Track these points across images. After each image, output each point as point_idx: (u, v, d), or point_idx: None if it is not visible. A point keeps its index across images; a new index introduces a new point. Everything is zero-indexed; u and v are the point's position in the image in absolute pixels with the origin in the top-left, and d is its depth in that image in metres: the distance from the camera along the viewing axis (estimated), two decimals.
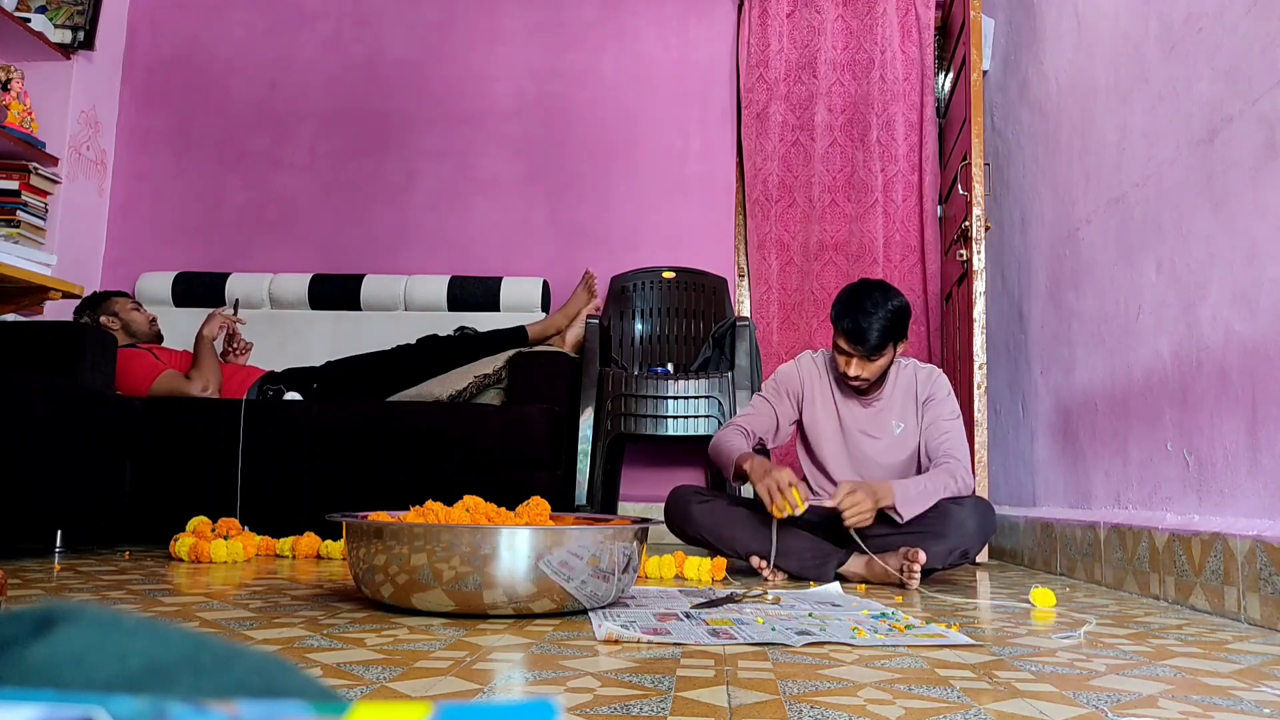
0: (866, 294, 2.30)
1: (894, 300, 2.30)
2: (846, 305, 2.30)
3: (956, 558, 2.26)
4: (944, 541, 2.22)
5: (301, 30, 4.11)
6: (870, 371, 2.33)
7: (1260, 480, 1.74)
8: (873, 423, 2.46)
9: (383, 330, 3.57)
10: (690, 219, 3.91)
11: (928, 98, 3.81)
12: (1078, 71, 2.70)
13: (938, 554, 2.22)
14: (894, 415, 2.45)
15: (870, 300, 2.27)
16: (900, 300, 2.32)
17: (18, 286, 2.39)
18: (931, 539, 2.22)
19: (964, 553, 2.26)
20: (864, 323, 2.25)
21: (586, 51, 4.03)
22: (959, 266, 3.31)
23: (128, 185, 4.03)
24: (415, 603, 1.54)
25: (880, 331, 2.26)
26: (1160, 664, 1.26)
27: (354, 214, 3.99)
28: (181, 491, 2.91)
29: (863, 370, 2.32)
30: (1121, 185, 2.37)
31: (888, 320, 2.27)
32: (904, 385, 2.45)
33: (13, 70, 3.46)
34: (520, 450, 2.93)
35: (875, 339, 2.26)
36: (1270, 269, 1.72)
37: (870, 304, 2.27)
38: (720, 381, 3.22)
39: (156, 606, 1.61)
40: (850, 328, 2.27)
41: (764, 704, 0.97)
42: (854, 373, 2.32)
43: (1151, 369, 2.19)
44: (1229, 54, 1.87)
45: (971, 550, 2.28)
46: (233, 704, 0.27)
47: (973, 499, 2.33)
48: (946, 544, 2.23)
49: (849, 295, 2.32)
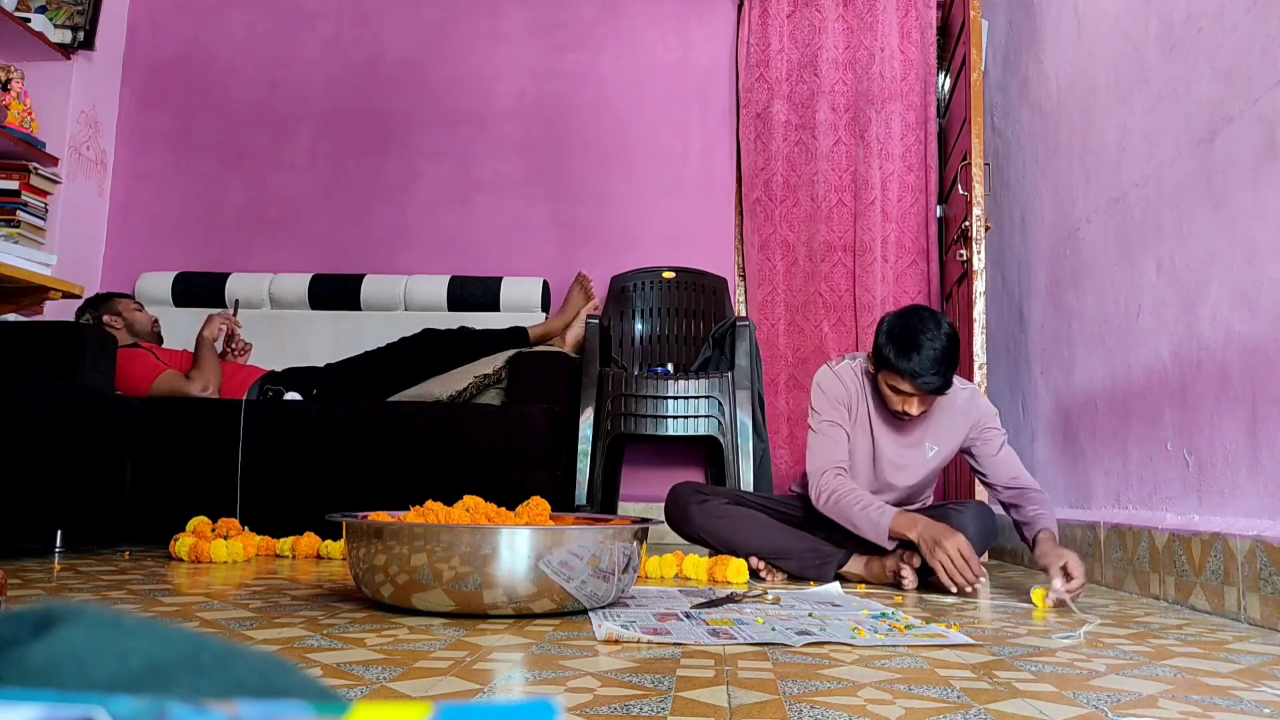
0: (921, 328, 2.08)
1: (947, 329, 2.11)
2: (903, 344, 2.08)
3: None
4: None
5: (301, 30, 4.11)
6: (929, 404, 2.18)
7: (1260, 480, 1.74)
8: (906, 449, 2.31)
9: (383, 330, 3.57)
10: (690, 219, 3.91)
11: (929, 96, 3.80)
12: (1078, 71, 2.70)
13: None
14: (929, 438, 2.30)
15: (927, 336, 2.07)
16: (951, 327, 2.13)
17: (18, 286, 2.39)
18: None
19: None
20: (930, 367, 2.06)
21: (587, 52, 4.03)
22: (959, 266, 3.31)
23: (128, 185, 4.03)
24: (415, 603, 1.54)
25: (946, 370, 2.09)
26: (1160, 664, 1.26)
27: (354, 214, 3.99)
28: (181, 491, 2.91)
29: (924, 406, 2.16)
30: (1121, 185, 2.37)
31: (950, 356, 2.09)
32: (943, 405, 2.27)
33: (13, 70, 3.46)
34: (520, 450, 2.93)
35: (942, 381, 2.09)
36: (1270, 269, 1.72)
37: (928, 340, 2.06)
38: (720, 381, 3.22)
39: (156, 606, 1.61)
40: (917, 371, 2.07)
41: (764, 704, 0.97)
42: (915, 411, 2.15)
43: (1151, 369, 2.19)
44: (1229, 54, 1.87)
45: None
46: (233, 704, 0.27)
47: (974, 504, 2.32)
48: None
49: (902, 332, 2.10)
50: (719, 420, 3.20)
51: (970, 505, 2.30)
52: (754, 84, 3.87)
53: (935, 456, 2.31)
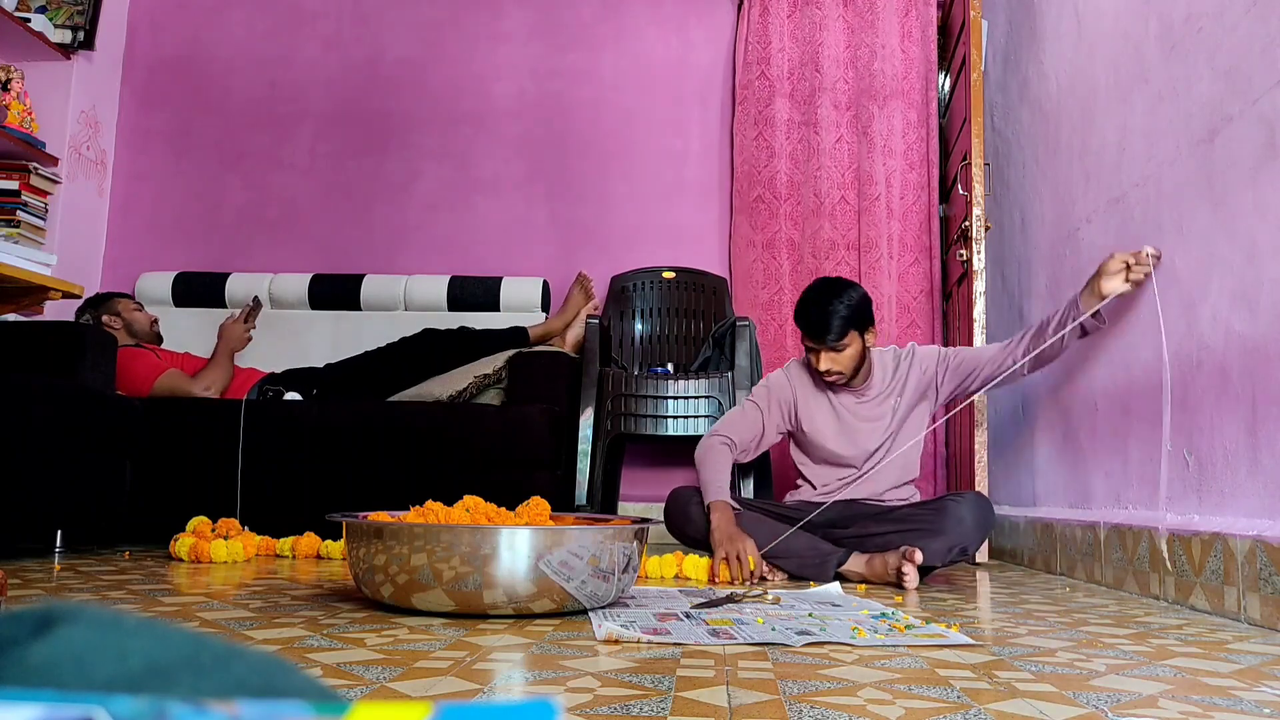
0: (824, 289, 2.37)
1: (850, 291, 2.36)
2: (805, 302, 2.38)
3: (956, 554, 2.26)
4: (943, 538, 2.23)
5: (301, 30, 4.11)
6: (841, 364, 2.37)
7: (1260, 480, 1.74)
8: (868, 409, 2.49)
9: (383, 330, 3.57)
10: (690, 219, 3.91)
11: (931, 94, 3.80)
12: (1078, 71, 2.70)
13: (936, 551, 2.22)
14: (890, 397, 2.48)
15: (827, 293, 2.35)
16: (857, 291, 2.37)
17: (18, 286, 2.39)
18: (929, 536, 2.23)
19: (963, 549, 2.26)
20: (822, 316, 2.32)
21: (586, 52, 4.03)
22: (959, 266, 3.31)
23: (128, 185, 4.03)
24: (415, 602, 1.54)
25: (840, 320, 2.31)
26: (1160, 664, 1.26)
27: (354, 214, 3.99)
28: (181, 491, 2.91)
29: (833, 364, 2.36)
30: (1121, 185, 2.37)
31: (846, 310, 2.32)
32: (893, 369, 2.50)
33: (13, 70, 3.46)
34: (520, 450, 2.93)
35: (836, 328, 2.31)
36: (1270, 269, 1.72)
37: (827, 297, 2.34)
38: (720, 381, 3.22)
39: (156, 606, 1.61)
40: (810, 321, 2.34)
41: (764, 704, 0.97)
42: (824, 366, 2.37)
43: (1152, 369, 2.19)
44: (1229, 54, 1.87)
45: (970, 546, 2.27)
46: (233, 704, 0.27)
47: (972, 495, 2.34)
48: (946, 540, 2.23)
49: (807, 292, 2.40)
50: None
51: (968, 496, 2.32)
52: (754, 81, 3.87)
53: (902, 407, 2.47)
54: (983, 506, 2.30)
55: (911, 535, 2.24)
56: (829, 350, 2.35)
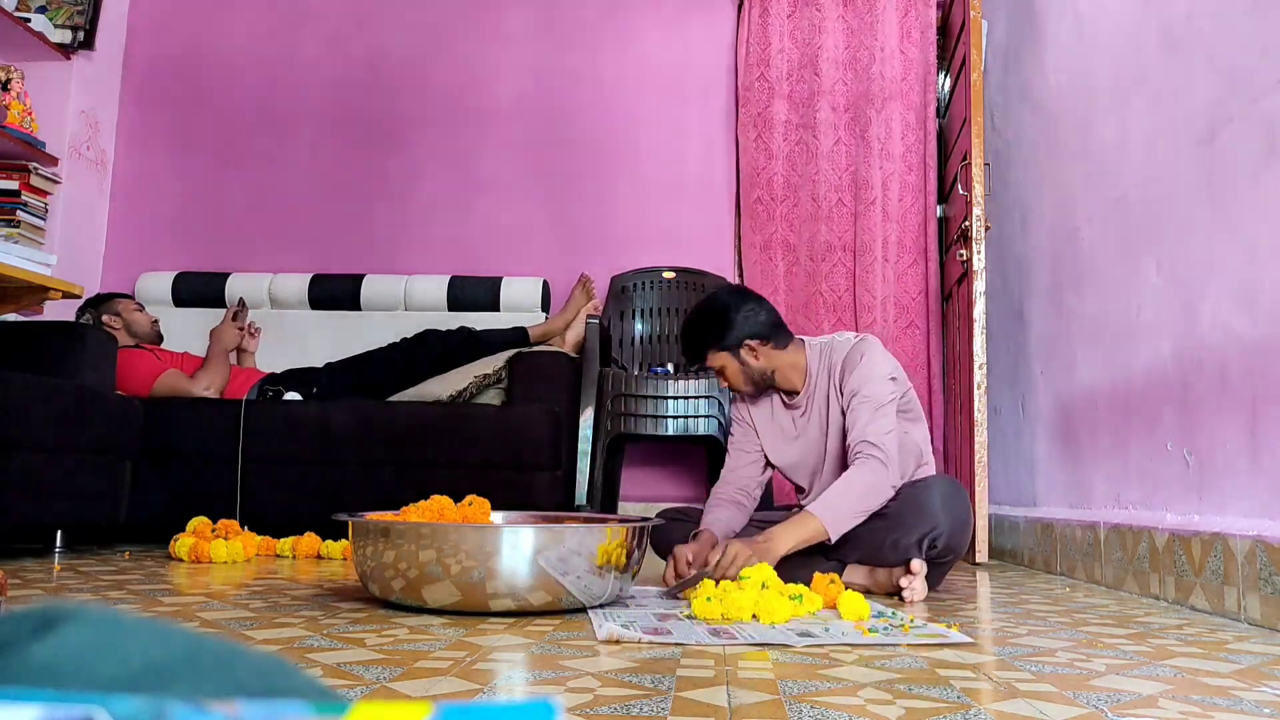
0: (692, 310, 2.24)
1: (707, 309, 2.18)
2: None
3: (934, 544, 2.01)
4: (911, 530, 2.01)
5: (302, 30, 4.11)
6: (732, 381, 2.20)
7: (1260, 480, 1.74)
8: (802, 421, 2.25)
9: (383, 330, 3.57)
10: (690, 219, 3.91)
11: (929, 96, 3.80)
12: (1078, 71, 2.70)
13: (909, 546, 2.01)
14: (815, 404, 2.22)
15: (691, 315, 2.22)
16: (710, 304, 2.19)
17: (18, 286, 2.40)
18: (897, 530, 2.03)
19: (935, 539, 2.00)
20: (683, 339, 2.23)
21: (587, 52, 4.03)
22: (959, 266, 3.31)
23: (128, 185, 4.03)
24: (425, 595, 1.56)
25: (695, 342, 2.18)
26: (1160, 664, 1.26)
27: (354, 214, 3.99)
28: (181, 492, 2.91)
29: (723, 383, 2.24)
30: (1121, 185, 2.37)
31: (701, 331, 2.17)
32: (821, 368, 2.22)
33: (13, 70, 3.46)
34: (520, 450, 2.93)
35: (692, 352, 2.20)
36: (1270, 269, 1.72)
37: (690, 319, 2.21)
38: (720, 381, 3.22)
39: (156, 606, 1.61)
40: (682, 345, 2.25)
41: (764, 704, 0.97)
42: (723, 385, 2.26)
43: (1152, 369, 2.19)
44: (1229, 54, 1.87)
45: (943, 535, 2.00)
46: (233, 704, 0.27)
47: (937, 480, 2.12)
48: (916, 532, 2.01)
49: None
50: (719, 420, 3.20)
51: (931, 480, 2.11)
52: (754, 83, 3.87)
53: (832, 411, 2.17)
54: (946, 487, 2.08)
55: (880, 532, 2.04)
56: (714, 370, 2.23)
